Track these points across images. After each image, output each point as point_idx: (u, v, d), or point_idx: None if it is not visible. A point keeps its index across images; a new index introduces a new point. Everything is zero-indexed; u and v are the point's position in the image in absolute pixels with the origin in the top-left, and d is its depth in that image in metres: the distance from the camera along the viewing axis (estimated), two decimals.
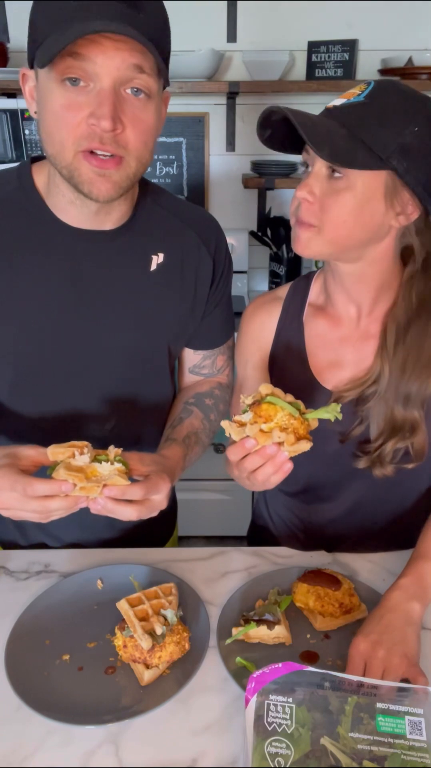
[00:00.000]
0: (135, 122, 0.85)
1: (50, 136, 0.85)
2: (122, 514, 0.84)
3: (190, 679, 0.83)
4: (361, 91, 0.87)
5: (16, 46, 2.33)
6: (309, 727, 0.70)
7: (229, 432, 0.82)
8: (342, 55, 2.22)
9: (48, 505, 0.80)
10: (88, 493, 0.81)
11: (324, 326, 1.08)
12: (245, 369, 1.14)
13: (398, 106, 0.86)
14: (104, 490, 0.81)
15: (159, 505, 0.88)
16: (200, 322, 1.12)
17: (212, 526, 2.47)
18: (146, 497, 0.85)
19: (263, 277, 2.69)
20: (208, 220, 1.13)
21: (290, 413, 0.81)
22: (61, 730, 0.77)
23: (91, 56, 0.79)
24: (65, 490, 0.79)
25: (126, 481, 0.83)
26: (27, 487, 0.79)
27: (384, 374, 0.98)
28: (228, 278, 1.16)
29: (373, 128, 0.85)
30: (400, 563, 1.06)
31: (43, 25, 0.82)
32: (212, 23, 2.31)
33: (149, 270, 1.04)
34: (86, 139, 0.83)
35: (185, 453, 1.03)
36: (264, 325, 1.12)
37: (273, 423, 0.81)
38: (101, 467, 0.83)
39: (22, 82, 0.89)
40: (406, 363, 0.97)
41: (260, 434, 0.80)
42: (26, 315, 0.98)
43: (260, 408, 0.82)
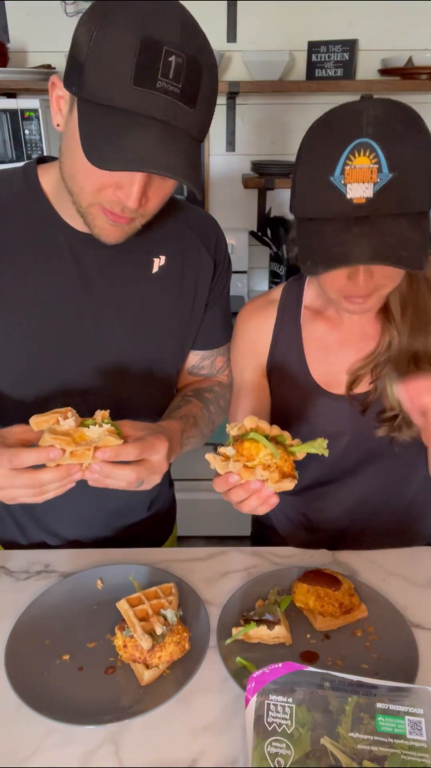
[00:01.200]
0: (157, 193, 0.86)
1: (72, 177, 0.86)
2: (121, 477, 0.82)
3: (190, 679, 0.83)
4: (375, 164, 0.79)
5: (16, 46, 2.33)
6: (309, 727, 0.70)
7: (213, 465, 0.82)
8: (342, 55, 2.22)
9: (39, 477, 0.78)
10: (80, 459, 0.78)
11: (323, 329, 1.08)
12: (242, 375, 1.14)
13: (418, 154, 0.80)
14: (96, 453, 0.78)
15: (159, 467, 0.86)
16: (200, 322, 1.12)
17: (212, 526, 2.46)
18: (143, 457, 0.83)
19: (263, 277, 2.69)
20: (208, 221, 1.13)
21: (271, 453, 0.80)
22: (61, 730, 0.77)
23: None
24: (54, 457, 0.77)
25: (118, 441, 0.80)
26: (13, 458, 0.77)
27: (394, 340, 0.99)
28: (227, 278, 1.16)
29: (419, 195, 0.81)
30: (400, 563, 1.06)
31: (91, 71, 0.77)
32: (212, 23, 2.31)
33: (151, 272, 1.05)
34: (108, 203, 0.84)
35: (182, 428, 1.01)
36: (260, 330, 1.12)
37: (257, 461, 0.80)
38: (90, 431, 0.80)
39: (51, 88, 0.86)
40: (413, 323, 0.98)
41: (244, 470, 0.80)
42: (31, 316, 0.99)
43: (242, 446, 0.81)
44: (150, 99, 0.76)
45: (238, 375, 1.16)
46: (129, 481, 0.83)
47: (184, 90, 0.77)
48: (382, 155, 0.78)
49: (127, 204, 0.82)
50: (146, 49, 0.74)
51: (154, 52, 0.75)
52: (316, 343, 1.08)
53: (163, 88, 0.76)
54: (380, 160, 0.78)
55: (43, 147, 2.13)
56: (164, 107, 0.77)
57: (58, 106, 0.86)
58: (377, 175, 0.78)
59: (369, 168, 0.78)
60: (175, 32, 0.76)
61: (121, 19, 0.75)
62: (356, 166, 0.79)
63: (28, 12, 2.30)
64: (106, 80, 0.76)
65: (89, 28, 0.77)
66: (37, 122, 2.10)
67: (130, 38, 0.74)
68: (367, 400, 1.04)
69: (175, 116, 0.78)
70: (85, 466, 0.80)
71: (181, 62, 0.76)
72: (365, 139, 0.79)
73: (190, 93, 0.78)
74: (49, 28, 2.29)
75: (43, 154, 2.13)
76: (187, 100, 0.78)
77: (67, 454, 0.77)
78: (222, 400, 1.19)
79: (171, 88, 0.76)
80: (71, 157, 0.84)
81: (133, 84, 0.75)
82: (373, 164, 0.78)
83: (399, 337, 0.99)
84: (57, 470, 0.78)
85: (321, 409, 1.07)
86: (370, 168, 0.78)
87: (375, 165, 0.78)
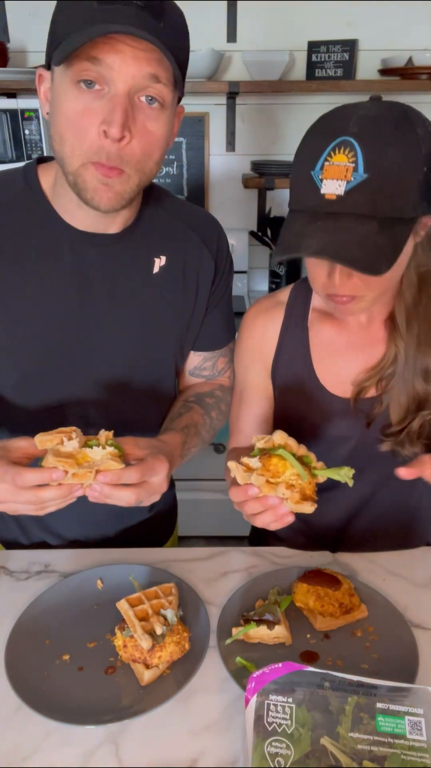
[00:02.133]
0: (143, 133, 0.85)
1: (61, 139, 0.85)
2: (121, 499, 0.82)
3: (190, 679, 0.83)
4: (352, 162, 0.78)
5: (16, 46, 2.33)
6: (309, 727, 0.70)
7: (234, 474, 0.82)
8: (342, 55, 2.22)
9: (41, 496, 0.79)
10: (81, 480, 0.79)
11: (331, 332, 1.07)
12: (246, 375, 1.14)
13: (400, 157, 0.79)
14: (98, 476, 0.79)
15: (159, 488, 0.87)
16: (201, 323, 1.12)
17: (212, 526, 2.46)
18: (143, 480, 0.84)
19: (263, 277, 2.69)
20: (209, 222, 1.13)
21: (299, 474, 0.80)
22: (61, 730, 0.77)
23: (108, 61, 0.79)
24: (56, 478, 0.77)
25: (120, 464, 0.81)
26: (16, 477, 0.77)
27: (400, 353, 0.98)
28: (229, 279, 1.16)
29: (394, 200, 0.79)
30: (400, 563, 1.06)
31: (63, 25, 0.81)
32: (212, 23, 2.31)
33: (152, 273, 1.04)
34: (95, 154, 0.84)
35: (184, 440, 1.01)
36: (266, 331, 1.10)
37: (281, 479, 0.80)
38: (92, 452, 0.81)
39: (38, 82, 0.89)
40: (419, 337, 0.97)
41: (265, 485, 0.79)
42: (32, 316, 0.99)
43: (270, 462, 0.81)
44: (114, 8, 0.77)
45: (242, 375, 1.15)
46: (128, 502, 0.84)
47: (147, 4, 0.79)
48: (361, 155, 0.78)
49: (111, 131, 0.81)
50: None
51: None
52: (323, 346, 1.07)
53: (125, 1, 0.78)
54: (357, 160, 0.78)
55: (43, 147, 2.13)
56: (128, 14, 0.77)
57: (46, 97, 0.88)
58: (352, 174, 0.78)
59: (345, 166, 0.78)
60: None
61: None
62: (334, 163, 0.79)
63: (28, 12, 2.30)
64: (73, 13, 0.79)
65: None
66: (37, 122, 2.10)
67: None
68: (373, 413, 1.03)
69: (144, 25, 0.77)
70: (86, 485, 0.81)
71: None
72: (347, 138, 0.79)
73: (154, 8, 0.79)
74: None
75: (43, 154, 2.13)
76: (153, 14, 0.79)
77: (69, 475, 0.79)
78: (224, 404, 1.18)
79: (134, 1, 0.78)
80: (58, 120, 0.85)
81: (96, 5, 0.78)
82: (350, 163, 0.78)
83: (405, 350, 0.97)
84: (59, 489, 0.79)
85: (327, 412, 1.06)
86: (346, 166, 0.78)
87: (352, 164, 0.78)
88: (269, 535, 1.27)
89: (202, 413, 1.11)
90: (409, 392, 0.98)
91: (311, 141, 0.84)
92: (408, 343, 0.97)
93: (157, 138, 0.87)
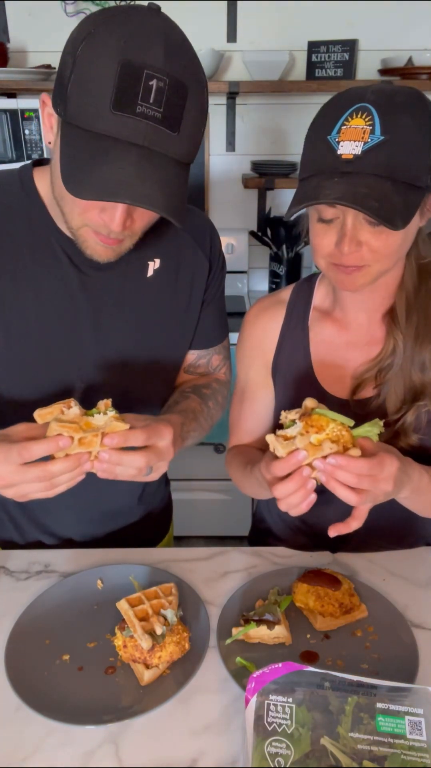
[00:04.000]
0: (143, 215, 0.86)
1: (61, 198, 0.86)
2: (131, 464, 0.81)
3: (190, 679, 0.83)
4: (369, 125, 0.81)
5: (16, 46, 2.33)
6: (309, 727, 0.70)
7: (274, 446, 0.81)
8: (342, 55, 2.22)
9: (50, 469, 0.77)
10: (88, 446, 0.78)
11: (331, 331, 1.07)
12: (247, 374, 1.14)
13: (414, 126, 0.82)
14: (105, 439, 0.78)
15: (166, 452, 0.86)
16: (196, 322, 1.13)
17: (212, 526, 2.47)
18: (150, 443, 0.83)
19: (263, 277, 2.69)
20: (201, 222, 1.13)
21: (342, 424, 0.80)
22: (61, 730, 0.77)
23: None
24: (63, 445, 0.76)
25: (125, 425, 0.80)
26: (22, 451, 0.76)
27: (398, 345, 0.98)
28: (222, 278, 1.17)
29: (408, 165, 0.82)
30: (400, 563, 1.06)
31: (74, 97, 0.77)
32: (212, 23, 2.31)
33: (146, 276, 1.05)
34: (94, 225, 0.85)
35: (182, 421, 1.00)
36: (267, 329, 1.11)
37: (324, 434, 0.79)
38: (95, 419, 0.80)
39: (41, 107, 0.87)
40: (418, 329, 0.97)
41: (310, 447, 0.79)
42: (29, 320, 0.99)
43: (311, 418, 0.80)
44: (129, 124, 0.75)
45: (243, 374, 1.15)
46: (139, 466, 0.82)
47: (166, 114, 0.76)
48: (377, 118, 0.80)
49: (111, 227, 0.83)
50: (126, 74, 0.73)
51: (134, 76, 0.74)
52: (323, 345, 1.07)
53: (143, 113, 0.75)
54: (374, 122, 0.80)
55: (43, 147, 2.13)
56: (144, 132, 0.76)
57: (50, 124, 0.86)
58: (369, 136, 0.80)
59: (362, 128, 0.81)
60: (157, 55, 0.75)
61: (102, 43, 0.75)
62: (351, 126, 0.81)
63: (28, 12, 2.30)
64: (87, 105, 0.76)
65: (73, 48, 0.77)
66: (37, 122, 2.10)
67: (110, 62, 0.74)
68: (370, 406, 1.03)
69: (157, 141, 0.77)
70: (94, 454, 0.79)
71: (163, 86, 0.75)
72: (364, 104, 0.81)
73: (172, 117, 0.77)
74: (49, 28, 2.29)
75: (43, 154, 2.13)
76: (170, 125, 0.77)
77: (75, 442, 0.77)
78: (220, 396, 1.19)
79: (151, 112, 0.75)
80: (59, 180, 0.83)
81: (112, 109, 0.74)
82: (367, 125, 0.80)
83: (404, 341, 0.98)
84: (67, 460, 0.77)
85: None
86: (363, 128, 0.81)
87: (369, 126, 0.80)
88: (269, 536, 1.27)
89: (200, 401, 1.11)
90: (406, 383, 0.98)
91: (327, 111, 0.86)
92: (406, 335, 0.98)
93: (154, 215, 0.88)
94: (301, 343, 1.08)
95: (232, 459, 1.16)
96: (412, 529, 1.16)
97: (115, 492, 1.15)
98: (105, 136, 0.76)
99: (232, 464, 1.15)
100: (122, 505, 1.20)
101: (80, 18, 0.83)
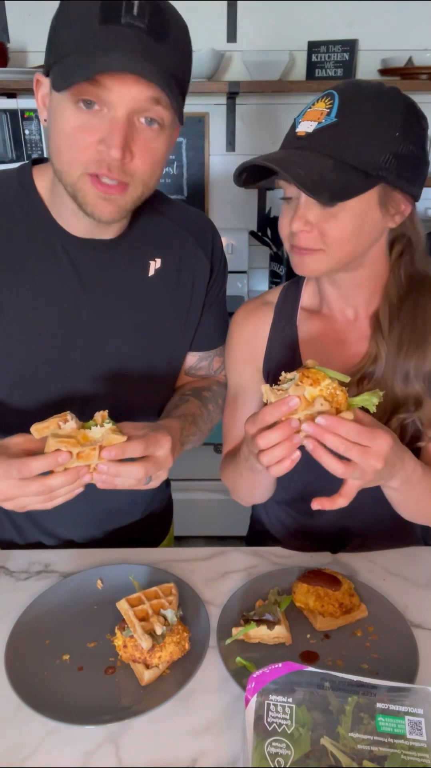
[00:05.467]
0: (144, 151, 0.85)
1: (58, 152, 0.85)
2: (129, 475, 0.81)
3: (190, 679, 0.83)
4: (328, 108, 0.85)
5: (16, 46, 2.33)
6: (309, 727, 0.70)
7: (267, 396, 0.79)
8: (342, 55, 2.22)
9: (49, 484, 0.77)
10: (86, 460, 0.78)
11: (319, 328, 1.07)
12: (240, 378, 1.13)
13: (373, 115, 0.84)
14: (102, 452, 0.78)
15: (165, 462, 0.86)
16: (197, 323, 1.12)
17: (212, 526, 2.46)
18: (148, 453, 0.83)
19: (263, 277, 2.69)
20: (203, 222, 1.13)
21: (338, 384, 0.78)
22: (61, 730, 0.77)
23: (108, 85, 0.79)
24: (62, 461, 0.76)
25: (122, 437, 0.80)
26: (21, 467, 0.76)
27: (381, 354, 0.97)
28: (224, 280, 1.17)
29: (357, 149, 0.84)
30: (400, 563, 1.06)
31: (63, 40, 0.80)
32: (212, 23, 2.31)
33: (147, 276, 1.05)
34: (94, 164, 0.83)
35: (181, 426, 1.00)
36: (257, 330, 1.10)
37: (318, 390, 0.77)
38: (92, 432, 0.80)
39: (36, 87, 0.89)
40: (401, 340, 0.96)
41: (303, 400, 0.77)
42: (28, 320, 0.98)
43: (309, 370, 0.79)
44: (116, 32, 0.77)
45: (235, 378, 1.14)
46: (137, 477, 0.82)
47: (150, 25, 0.78)
48: (337, 103, 0.85)
49: (111, 153, 0.81)
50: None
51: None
52: (312, 344, 1.07)
53: (128, 23, 0.77)
54: (333, 106, 0.85)
55: (43, 147, 2.13)
56: (133, 41, 0.77)
57: (44, 103, 0.88)
58: (324, 117, 0.85)
59: (320, 111, 0.86)
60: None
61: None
62: (313, 109, 0.87)
63: (28, 12, 2.30)
64: (74, 32, 0.78)
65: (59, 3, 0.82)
66: (37, 122, 2.10)
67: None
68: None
69: (145, 48, 0.77)
70: (92, 467, 0.80)
71: (144, 3, 0.77)
72: (332, 91, 0.87)
73: (157, 30, 0.78)
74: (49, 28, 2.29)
75: (43, 154, 2.13)
76: (155, 36, 0.78)
77: (73, 456, 0.77)
78: (221, 399, 1.18)
79: (136, 23, 0.77)
80: (55, 134, 0.84)
81: (98, 24, 0.77)
82: (326, 108, 0.85)
83: (387, 350, 0.97)
84: (66, 474, 0.78)
85: None
86: (322, 111, 0.86)
87: (328, 109, 0.85)
88: (266, 537, 1.26)
89: (199, 405, 1.11)
90: (389, 393, 0.97)
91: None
92: (389, 345, 0.97)
93: (159, 155, 0.88)
94: (290, 342, 1.08)
95: (226, 464, 1.15)
96: (412, 529, 1.16)
97: (116, 494, 1.15)
98: (95, 51, 0.77)
99: (226, 470, 1.14)
100: (123, 507, 1.20)
101: None
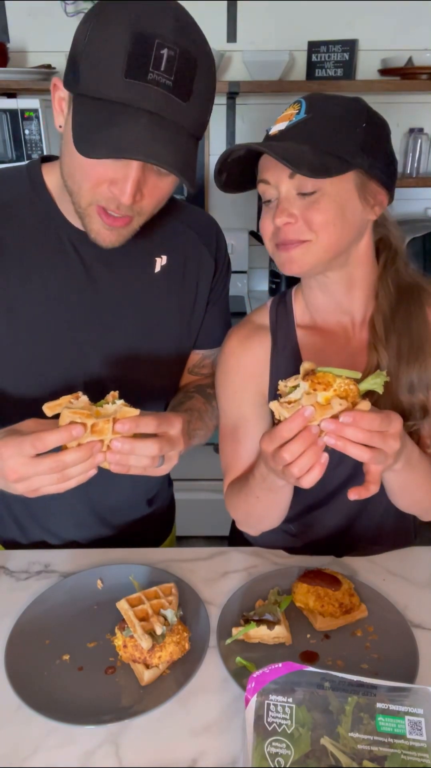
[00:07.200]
0: (153, 191, 0.86)
1: (71, 173, 0.86)
2: (143, 451, 0.80)
3: (190, 679, 0.83)
4: (297, 111, 0.89)
5: (16, 46, 2.33)
6: (309, 727, 0.70)
7: (279, 413, 0.77)
8: (342, 55, 2.22)
9: (62, 459, 0.75)
10: (100, 434, 0.77)
11: (319, 342, 1.03)
12: (239, 409, 1.05)
13: (339, 111, 0.88)
14: (116, 425, 0.78)
15: (177, 441, 0.86)
16: (201, 321, 1.13)
17: (212, 526, 2.46)
18: (161, 430, 0.83)
19: (263, 277, 2.69)
20: (208, 221, 1.14)
21: (349, 377, 0.77)
22: (61, 730, 0.77)
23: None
24: (76, 434, 0.75)
25: (135, 411, 0.80)
26: (35, 441, 0.75)
27: (382, 362, 0.96)
28: (227, 278, 1.17)
29: (330, 136, 0.86)
30: (400, 563, 1.06)
31: (86, 71, 0.79)
32: (212, 23, 2.31)
33: (153, 272, 1.05)
34: (104, 200, 0.85)
35: (188, 419, 0.98)
36: (257, 358, 1.05)
37: (332, 391, 0.76)
38: (105, 409, 0.80)
39: (53, 90, 0.88)
40: (400, 350, 0.96)
41: (317, 407, 0.75)
42: (36, 314, 0.99)
43: (316, 376, 0.77)
44: (141, 90, 0.76)
45: (235, 410, 1.06)
46: (152, 454, 0.81)
47: (176, 82, 0.78)
48: (304, 105, 0.89)
49: (121, 199, 0.83)
50: (138, 42, 0.75)
51: (146, 44, 0.76)
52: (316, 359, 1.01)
53: (154, 80, 0.76)
54: (301, 107, 0.89)
55: (43, 147, 2.13)
56: (155, 98, 0.77)
57: (60, 108, 0.88)
58: (294, 116, 0.89)
59: (291, 113, 0.90)
60: (167, 26, 0.77)
61: (114, 16, 0.77)
62: (283, 114, 0.91)
63: (28, 12, 2.30)
64: (99, 73, 0.77)
65: (86, 26, 0.80)
66: (37, 122, 2.10)
67: (122, 32, 0.76)
68: None
69: (167, 108, 0.78)
70: (106, 443, 0.78)
71: (173, 55, 0.77)
72: (299, 99, 0.91)
73: (183, 86, 0.78)
74: (49, 28, 2.29)
75: (43, 153, 2.13)
76: (180, 93, 0.78)
77: (88, 430, 0.76)
78: None
79: (163, 80, 0.77)
80: (69, 155, 0.85)
81: (124, 76, 0.76)
82: (295, 111, 0.89)
83: (387, 362, 0.95)
84: (80, 449, 0.76)
85: None
86: (292, 113, 0.89)
87: (296, 111, 0.89)
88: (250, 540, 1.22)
89: (204, 401, 1.10)
90: (394, 402, 0.95)
91: None
92: (389, 355, 0.96)
93: (165, 194, 0.89)
94: (295, 362, 1.03)
95: (232, 494, 1.06)
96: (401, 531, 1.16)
97: (119, 493, 1.15)
98: (117, 103, 0.77)
99: (234, 499, 1.05)
100: (126, 505, 1.20)
101: (80, 18, 0.84)
